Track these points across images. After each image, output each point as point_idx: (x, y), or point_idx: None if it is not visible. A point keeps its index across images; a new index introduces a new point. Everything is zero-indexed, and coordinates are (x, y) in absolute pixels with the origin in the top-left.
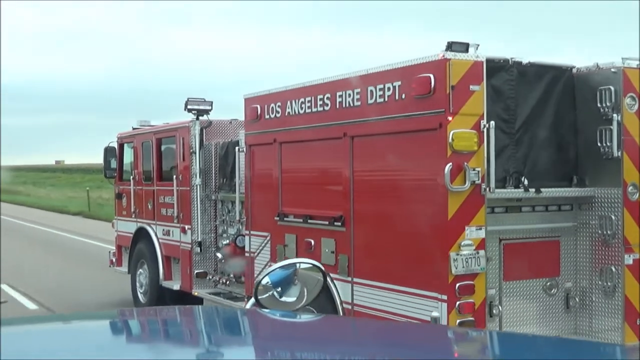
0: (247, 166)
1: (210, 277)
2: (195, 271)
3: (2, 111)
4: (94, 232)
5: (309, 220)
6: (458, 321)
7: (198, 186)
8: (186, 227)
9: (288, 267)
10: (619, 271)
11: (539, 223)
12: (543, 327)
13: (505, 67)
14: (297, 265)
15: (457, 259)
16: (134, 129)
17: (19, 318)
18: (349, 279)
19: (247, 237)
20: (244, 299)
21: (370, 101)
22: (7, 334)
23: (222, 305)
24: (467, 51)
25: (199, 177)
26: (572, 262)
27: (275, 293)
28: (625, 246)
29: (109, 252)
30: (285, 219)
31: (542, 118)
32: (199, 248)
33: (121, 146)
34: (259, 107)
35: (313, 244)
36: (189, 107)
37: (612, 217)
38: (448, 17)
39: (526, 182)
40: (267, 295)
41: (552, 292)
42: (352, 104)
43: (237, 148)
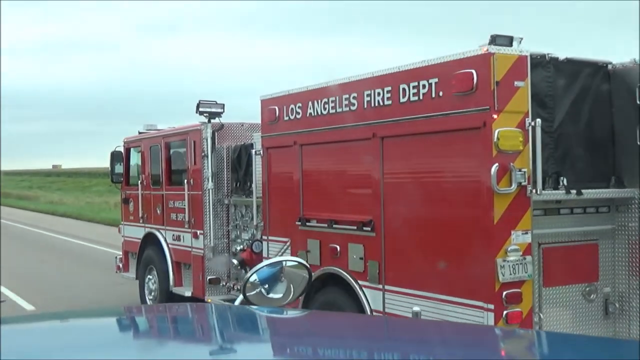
0: (264, 169)
1: (223, 283)
2: (208, 277)
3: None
4: None
5: (335, 225)
6: None
7: (210, 190)
8: (198, 232)
9: (275, 265)
10: None
11: (577, 226)
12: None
13: (543, 63)
14: (284, 262)
15: (503, 266)
16: (140, 133)
17: (18, 316)
18: (379, 287)
19: (264, 243)
20: None
21: (403, 100)
22: (7, 332)
23: None
24: (511, 45)
25: (211, 181)
26: (610, 266)
27: (263, 290)
28: None
29: (116, 257)
30: (307, 223)
31: (579, 116)
32: (211, 253)
33: (128, 151)
34: (277, 108)
35: (339, 249)
36: (200, 109)
37: None
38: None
39: (565, 182)
40: (255, 292)
41: (592, 297)
42: (382, 103)
43: (253, 151)
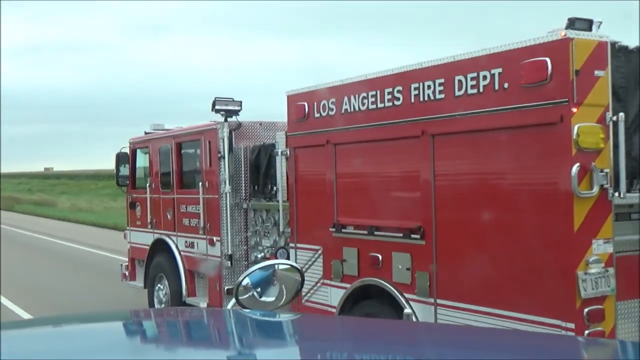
0: (290, 171)
1: None
2: (226, 287)
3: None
4: None
5: (376, 232)
6: None
7: (227, 194)
8: (214, 238)
9: (267, 268)
10: None
11: None
12: None
13: (613, 53)
14: (276, 266)
15: (585, 279)
16: (146, 133)
17: (20, 321)
18: (430, 301)
19: (292, 251)
20: None
21: (459, 93)
22: (8, 336)
23: None
24: (590, 29)
25: (229, 184)
26: None
27: (255, 293)
28: None
29: (121, 265)
30: (343, 230)
31: None
32: (229, 262)
33: (134, 152)
34: (306, 104)
35: (381, 259)
36: (216, 107)
37: None
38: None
39: None
40: (248, 295)
41: None
42: (432, 97)
43: (280, 151)
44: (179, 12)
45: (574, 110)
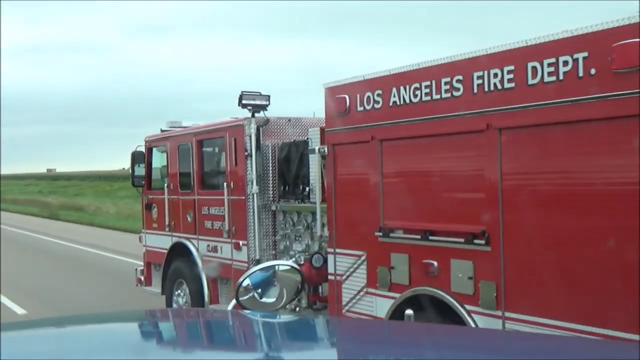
0: (329, 170)
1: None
2: None
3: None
4: None
5: (431, 237)
6: None
7: (255, 195)
8: (241, 242)
9: (267, 270)
10: None
11: None
12: None
13: None
14: (276, 267)
15: None
16: (163, 131)
17: (22, 322)
18: (497, 314)
19: (330, 257)
20: None
21: (533, 81)
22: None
23: None
24: None
25: (256, 184)
26: None
27: (256, 294)
28: None
29: (136, 269)
30: (390, 234)
31: None
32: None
33: (149, 150)
34: (347, 97)
35: (436, 266)
36: (243, 102)
37: None
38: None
39: None
40: (248, 296)
41: None
42: (500, 87)
43: (317, 148)
44: (179, 12)
45: None
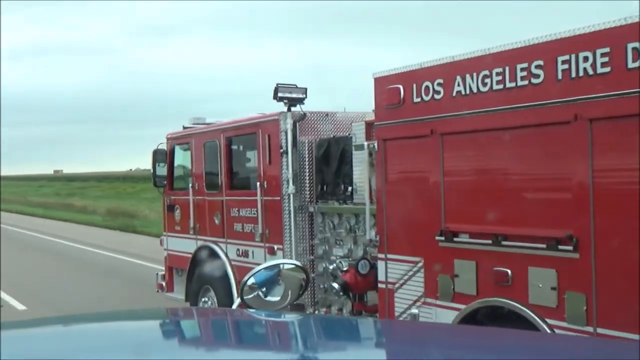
0: (379, 167)
1: (310, 310)
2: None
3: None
4: None
5: (504, 242)
6: None
7: (291, 195)
8: (275, 246)
9: (272, 268)
10: None
11: None
12: None
13: None
14: (281, 265)
15: None
16: (185, 128)
17: (19, 321)
18: (588, 330)
19: (381, 263)
20: None
21: (633, 64)
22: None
23: None
24: None
25: (292, 184)
26: None
27: (260, 293)
28: None
29: (157, 274)
30: (454, 239)
31: None
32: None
33: (172, 149)
34: (402, 88)
35: (510, 274)
36: (279, 95)
37: None
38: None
39: None
40: (253, 295)
41: None
42: (591, 72)
43: (366, 144)
44: (183, 13)
45: None
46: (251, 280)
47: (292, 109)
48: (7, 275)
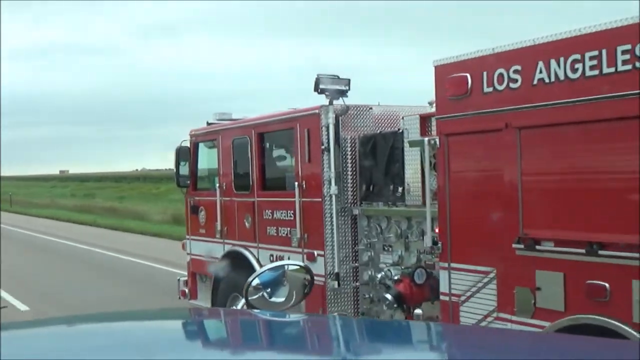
0: (441, 166)
1: None
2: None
3: (2, 124)
4: None
5: (600, 251)
6: None
7: (334, 196)
8: (315, 252)
9: (277, 269)
10: None
11: None
12: None
13: None
14: (286, 266)
15: None
16: (209, 124)
17: (21, 322)
18: None
19: (444, 272)
20: None
21: None
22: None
23: None
24: None
25: (335, 184)
26: None
27: (265, 294)
28: None
29: (179, 279)
30: (536, 247)
31: None
32: (336, 282)
33: (195, 146)
34: (469, 76)
35: (609, 289)
36: (321, 86)
37: None
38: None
39: None
40: (257, 296)
41: None
42: None
43: (426, 140)
44: (189, 12)
45: None
46: (256, 281)
47: (334, 102)
48: None
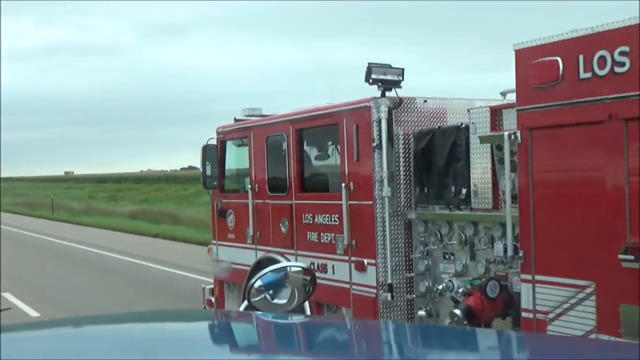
0: (521, 164)
1: None
2: None
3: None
4: None
5: None
6: None
7: (387, 199)
8: (365, 261)
9: (279, 271)
10: None
11: None
12: None
13: None
14: (288, 268)
15: None
16: (237, 120)
17: (21, 324)
18: None
19: (525, 286)
20: None
21: None
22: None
23: None
24: None
25: (388, 185)
26: None
27: (267, 295)
28: None
29: (203, 287)
30: None
31: None
32: (389, 294)
33: (223, 144)
34: (560, 60)
35: None
36: (373, 76)
37: None
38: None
39: None
40: (260, 297)
41: None
42: None
43: (507, 134)
44: (194, 13)
45: None
46: (258, 283)
47: (387, 93)
48: None
